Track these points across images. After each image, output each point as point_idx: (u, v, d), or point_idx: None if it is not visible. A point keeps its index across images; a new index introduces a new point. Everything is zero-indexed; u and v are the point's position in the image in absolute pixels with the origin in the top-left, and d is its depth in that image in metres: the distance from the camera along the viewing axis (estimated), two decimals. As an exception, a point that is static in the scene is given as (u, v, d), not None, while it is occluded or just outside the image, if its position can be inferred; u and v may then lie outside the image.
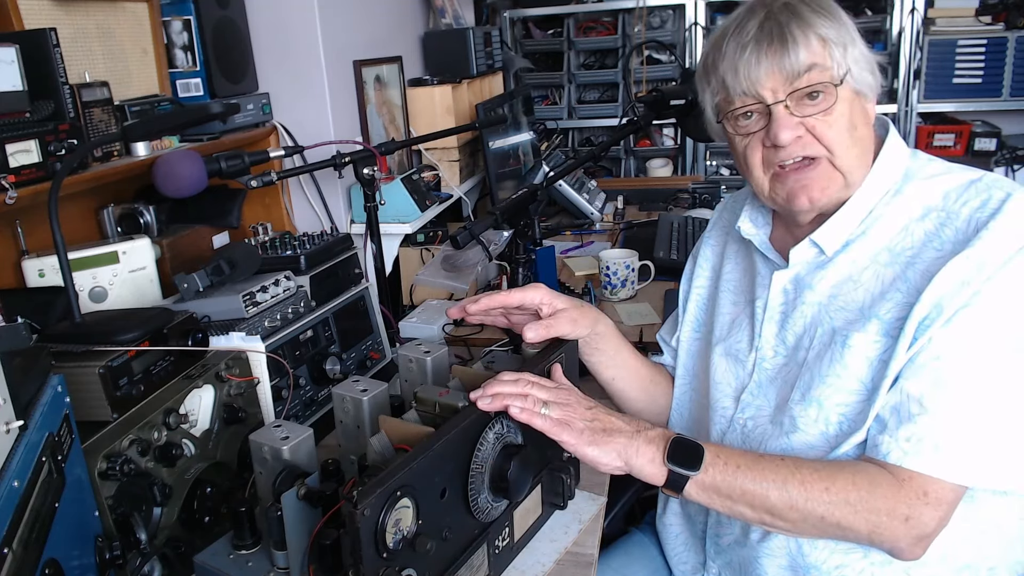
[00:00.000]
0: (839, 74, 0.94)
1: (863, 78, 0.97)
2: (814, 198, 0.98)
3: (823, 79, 0.94)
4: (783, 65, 0.93)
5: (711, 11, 3.59)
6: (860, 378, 0.94)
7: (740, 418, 1.08)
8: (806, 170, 0.97)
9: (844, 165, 0.96)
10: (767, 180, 1.01)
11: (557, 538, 1.09)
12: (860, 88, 0.97)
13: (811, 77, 0.93)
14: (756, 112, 0.98)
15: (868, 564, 0.96)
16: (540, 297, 1.08)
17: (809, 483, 0.88)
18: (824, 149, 0.96)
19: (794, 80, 0.94)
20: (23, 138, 1.15)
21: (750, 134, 0.99)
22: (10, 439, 0.73)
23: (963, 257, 0.88)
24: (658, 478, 0.91)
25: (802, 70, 0.93)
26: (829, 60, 0.94)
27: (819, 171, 0.97)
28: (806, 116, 0.95)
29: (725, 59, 0.97)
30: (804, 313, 1.02)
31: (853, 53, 0.95)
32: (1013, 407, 0.87)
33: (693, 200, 2.79)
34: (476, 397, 0.92)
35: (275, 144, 1.85)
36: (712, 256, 1.24)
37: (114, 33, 1.49)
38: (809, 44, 0.93)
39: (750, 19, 0.96)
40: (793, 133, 0.95)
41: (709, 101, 1.04)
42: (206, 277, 1.33)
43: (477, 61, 2.64)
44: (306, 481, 0.89)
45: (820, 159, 0.96)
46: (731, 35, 0.97)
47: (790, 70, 0.93)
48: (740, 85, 0.96)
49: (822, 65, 0.93)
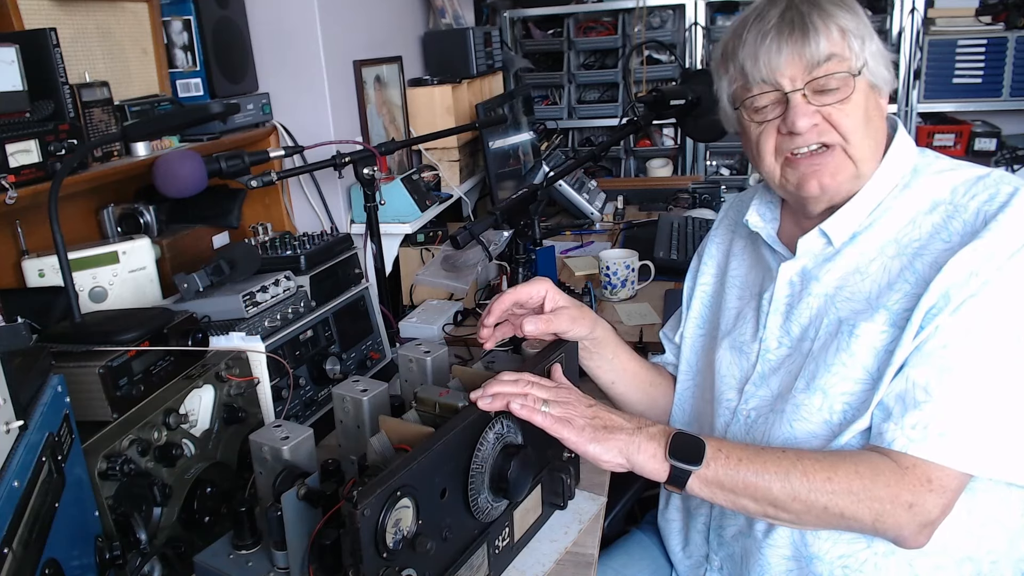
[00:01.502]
0: (857, 65, 0.96)
1: (879, 72, 0.98)
2: (825, 184, 0.99)
3: (841, 69, 0.95)
4: (803, 54, 0.95)
5: (711, 11, 3.59)
6: (866, 367, 0.94)
7: (744, 408, 1.08)
8: (819, 157, 0.98)
9: (857, 154, 0.97)
10: (778, 167, 1.02)
11: (557, 538, 1.09)
12: (876, 82, 0.98)
13: (830, 67, 0.95)
14: (773, 100, 0.99)
15: (872, 554, 0.96)
16: (545, 290, 1.10)
17: (811, 474, 0.88)
18: (840, 136, 0.97)
19: (813, 69, 0.95)
20: (23, 138, 1.15)
21: (765, 121, 1.00)
22: (10, 439, 0.73)
23: (971, 248, 0.89)
24: (660, 474, 0.91)
25: (822, 59, 0.95)
26: (848, 51, 0.95)
27: (832, 158, 0.98)
28: (824, 105, 0.96)
29: (745, 47, 0.98)
30: (810, 304, 1.03)
31: (871, 47, 0.97)
32: (1018, 397, 0.87)
33: (693, 200, 2.79)
34: (476, 397, 0.93)
35: (275, 144, 1.85)
36: (718, 253, 1.25)
37: (114, 33, 1.49)
38: (830, 34, 0.95)
39: (771, 8, 0.97)
40: (810, 121, 0.96)
41: (726, 89, 1.05)
42: (206, 277, 1.33)
43: (477, 61, 2.64)
44: (306, 481, 0.89)
45: (835, 146, 0.98)
46: (752, 23, 0.98)
47: (810, 59, 0.95)
48: (759, 73, 0.97)
49: (841, 55, 0.95)
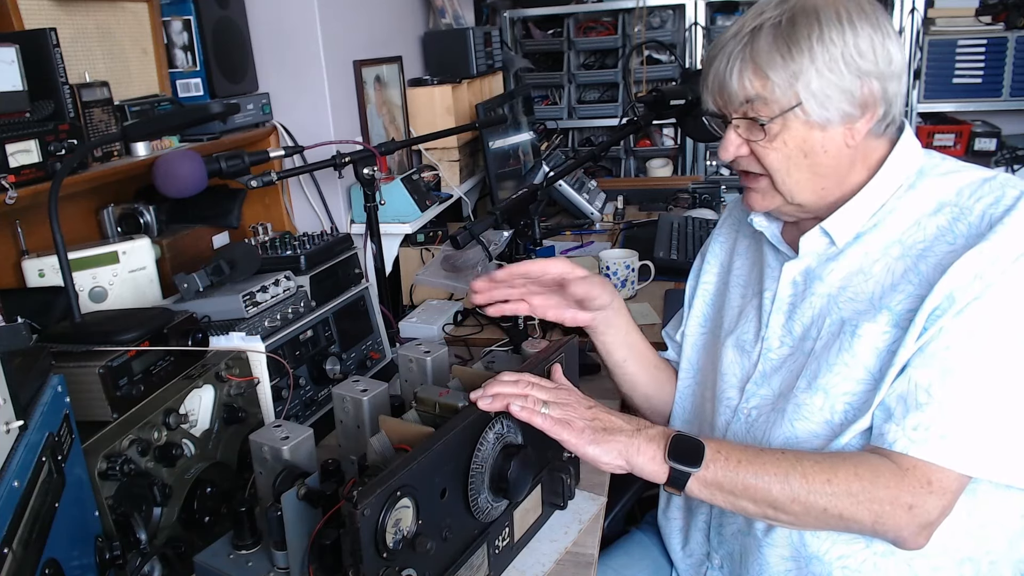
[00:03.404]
0: (781, 108, 0.94)
1: (826, 109, 0.93)
2: (760, 204, 1.04)
3: (761, 113, 0.95)
4: (724, 90, 0.97)
5: (711, 11, 3.59)
6: (868, 367, 0.95)
7: (745, 408, 1.08)
8: (751, 180, 1.03)
9: (785, 189, 1.00)
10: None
11: (557, 538, 1.09)
12: (816, 119, 0.93)
13: (747, 109, 0.96)
14: (719, 120, 1.01)
15: (871, 554, 0.96)
16: (563, 267, 1.11)
17: (811, 475, 0.88)
18: (763, 169, 1.00)
19: (738, 106, 0.97)
20: (23, 138, 1.15)
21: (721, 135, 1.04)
22: (10, 439, 0.73)
23: (976, 251, 0.89)
24: (660, 476, 0.91)
25: (741, 101, 0.96)
26: (773, 93, 0.93)
27: (760, 185, 1.02)
28: (749, 139, 0.99)
29: (707, 63, 1.01)
30: (813, 304, 1.03)
31: (815, 85, 0.91)
32: (1020, 400, 0.87)
33: (693, 200, 2.79)
34: (476, 397, 0.93)
35: (275, 144, 1.85)
36: (721, 253, 1.25)
37: (114, 33, 1.49)
38: (743, 81, 0.95)
39: (730, 30, 0.98)
40: (735, 152, 1.00)
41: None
42: (206, 277, 1.33)
43: (477, 61, 2.64)
44: (306, 481, 0.89)
45: (761, 177, 1.01)
46: (717, 43, 0.99)
47: (728, 98, 0.98)
48: (707, 92, 1.01)
49: (762, 98, 0.94)
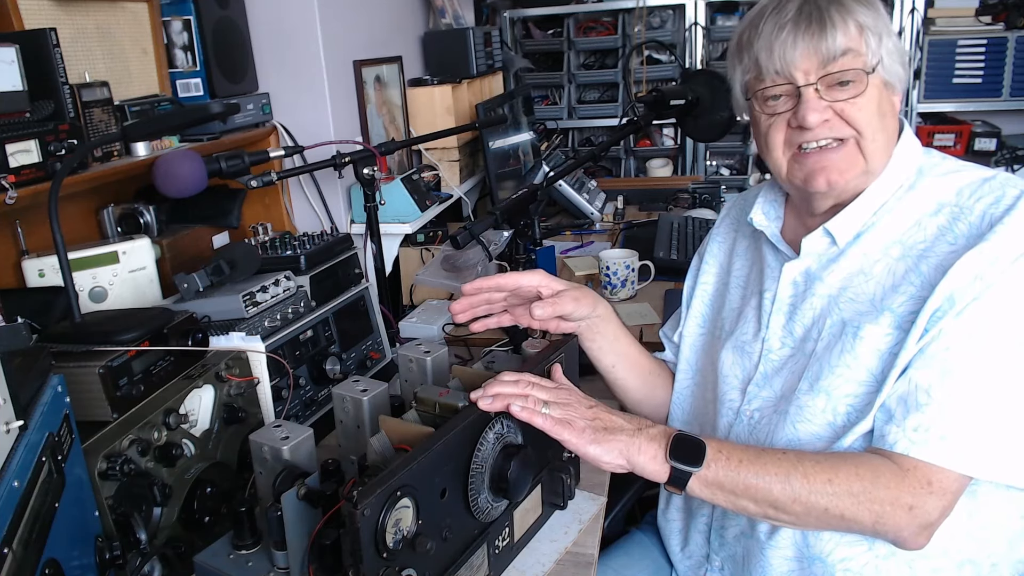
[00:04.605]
0: (872, 62, 0.95)
1: (894, 70, 0.98)
2: (832, 180, 0.98)
3: (856, 65, 0.95)
4: (819, 48, 0.94)
5: (711, 11, 3.59)
6: (870, 369, 0.94)
7: (747, 409, 1.08)
8: (829, 152, 0.98)
9: (870, 149, 0.97)
10: (786, 161, 1.02)
11: (557, 538, 1.09)
12: (890, 79, 0.98)
13: (845, 62, 0.95)
14: (785, 93, 0.99)
15: (873, 556, 0.96)
16: (539, 280, 1.09)
17: (812, 475, 0.88)
18: (853, 131, 0.97)
19: (828, 64, 0.95)
20: (23, 138, 1.15)
21: (776, 114, 1.00)
22: (10, 439, 0.73)
23: (976, 251, 0.89)
24: (661, 475, 0.91)
25: (837, 54, 0.94)
26: (864, 47, 0.95)
27: (843, 153, 0.98)
28: (836, 100, 0.96)
29: (761, 38, 0.98)
30: (813, 305, 1.03)
31: (887, 44, 0.96)
32: (1020, 400, 0.87)
33: (693, 200, 2.79)
34: (476, 397, 0.92)
35: (275, 144, 1.85)
36: (720, 253, 1.24)
37: (114, 33, 1.49)
38: (847, 30, 0.94)
39: (790, 0, 0.97)
40: (820, 116, 0.96)
41: (739, 78, 1.05)
42: (206, 277, 1.33)
43: (477, 61, 2.64)
44: (306, 481, 0.89)
45: (848, 140, 0.97)
46: (769, 14, 0.98)
47: (825, 54, 0.94)
48: (773, 65, 0.97)
49: (857, 51, 0.95)
